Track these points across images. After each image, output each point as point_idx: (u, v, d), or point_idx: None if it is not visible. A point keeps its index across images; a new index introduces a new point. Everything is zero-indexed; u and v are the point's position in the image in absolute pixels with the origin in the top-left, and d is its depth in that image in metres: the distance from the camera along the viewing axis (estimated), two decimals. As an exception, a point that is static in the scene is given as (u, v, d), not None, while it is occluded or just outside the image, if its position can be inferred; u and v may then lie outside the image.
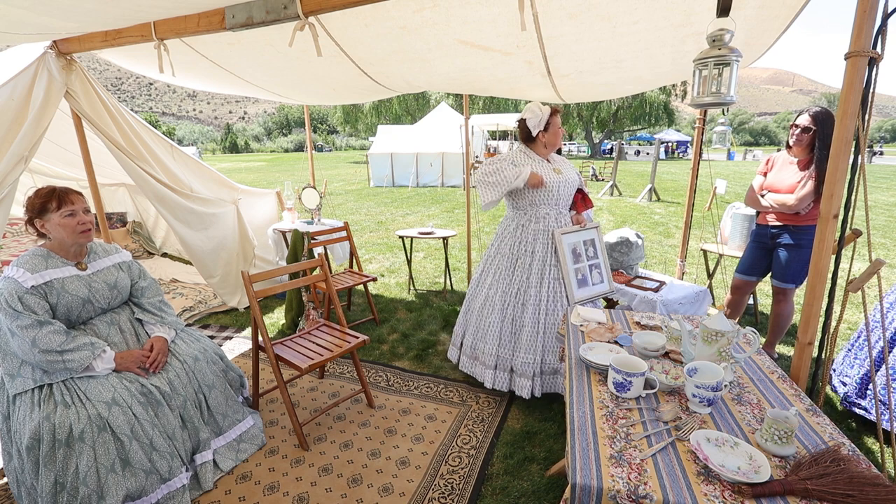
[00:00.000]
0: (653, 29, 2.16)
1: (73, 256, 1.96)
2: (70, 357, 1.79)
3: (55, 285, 1.85)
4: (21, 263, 1.83)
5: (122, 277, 2.11)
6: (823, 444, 1.16)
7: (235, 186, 4.19)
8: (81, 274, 1.95)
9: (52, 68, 2.57)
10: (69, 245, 1.93)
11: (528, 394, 2.49)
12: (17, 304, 1.75)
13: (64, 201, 1.86)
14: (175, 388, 1.99)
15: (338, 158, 38.12)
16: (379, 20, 2.22)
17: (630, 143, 43.35)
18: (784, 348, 3.22)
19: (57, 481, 1.66)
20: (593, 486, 1.04)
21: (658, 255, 5.92)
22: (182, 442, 1.95)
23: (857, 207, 1.56)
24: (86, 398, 1.76)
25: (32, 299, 1.78)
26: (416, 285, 4.74)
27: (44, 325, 1.77)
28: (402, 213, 9.75)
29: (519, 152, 2.62)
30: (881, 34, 1.37)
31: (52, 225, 1.86)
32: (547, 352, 2.51)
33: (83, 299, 1.92)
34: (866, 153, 1.62)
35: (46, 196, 1.86)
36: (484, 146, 15.97)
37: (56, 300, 1.84)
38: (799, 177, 2.65)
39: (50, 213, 1.85)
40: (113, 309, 2.09)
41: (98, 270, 2.02)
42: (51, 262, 1.89)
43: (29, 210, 1.86)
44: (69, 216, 1.87)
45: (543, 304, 2.51)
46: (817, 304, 1.53)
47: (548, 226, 2.57)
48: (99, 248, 2.11)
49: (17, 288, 1.77)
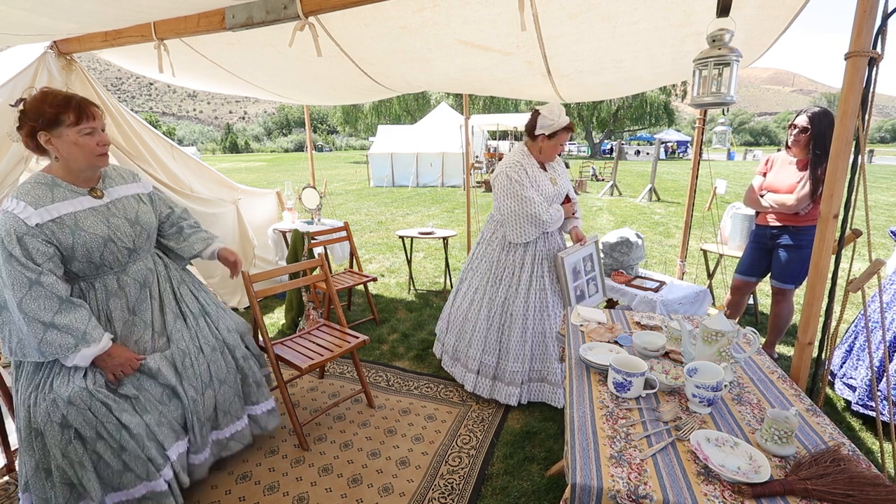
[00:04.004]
0: (653, 29, 2.16)
1: (83, 182, 1.57)
2: (50, 337, 1.45)
3: (67, 222, 1.48)
4: (21, 195, 1.44)
5: (145, 211, 1.73)
6: (823, 444, 1.16)
7: (235, 186, 4.18)
8: (97, 205, 1.57)
9: (52, 68, 2.57)
10: (81, 170, 1.55)
11: (515, 401, 2.50)
12: (14, 247, 1.40)
13: (84, 115, 1.47)
14: (185, 381, 1.77)
15: (338, 158, 38.13)
16: (379, 20, 2.22)
17: (630, 143, 43.34)
18: (784, 348, 3.22)
19: (39, 466, 1.52)
20: (593, 486, 1.04)
21: (658, 255, 5.92)
22: (169, 441, 1.71)
23: (857, 207, 1.55)
24: (49, 388, 1.53)
25: (34, 243, 1.42)
26: (416, 285, 4.74)
27: (34, 286, 1.41)
28: (402, 213, 9.75)
29: (519, 165, 2.44)
30: (881, 34, 1.37)
31: (64, 143, 1.46)
32: (535, 359, 2.52)
33: (103, 238, 1.55)
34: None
35: (62, 105, 1.44)
36: (484, 146, 15.96)
37: (72, 240, 1.48)
38: (798, 177, 2.64)
39: (63, 128, 1.45)
40: (139, 251, 1.71)
41: (116, 200, 1.64)
42: (58, 191, 1.50)
43: (32, 118, 1.44)
44: (88, 134, 1.49)
45: (531, 313, 2.49)
46: (817, 304, 1.53)
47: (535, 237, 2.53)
48: (114, 173, 1.70)
49: (18, 226, 1.40)
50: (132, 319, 1.72)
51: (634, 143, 44.96)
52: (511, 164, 2.45)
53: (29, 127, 1.45)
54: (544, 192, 2.47)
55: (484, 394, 2.56)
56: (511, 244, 2.54)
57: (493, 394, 2.55)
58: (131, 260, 1.69)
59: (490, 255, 2.62)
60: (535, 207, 2.39)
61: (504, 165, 2.48)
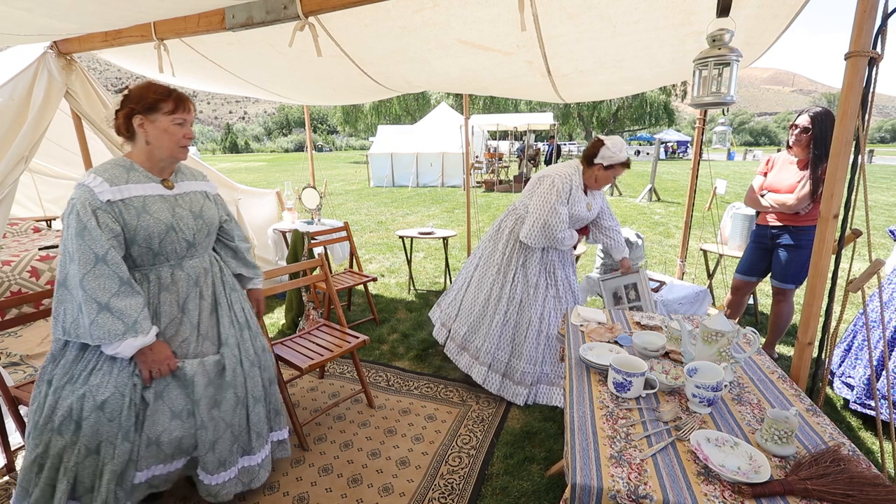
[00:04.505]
0: (653, 29, 2.16)
1: (159, 172, 1.63)
2: (102, 319, 1.42)
3: (134, 203, 1.52)
4: (99, 171, 1.50)
5: (210, 207, 1.76)
6: (823, 444, 1.16)
7: (235, 186, 4.19)
8: (166, 194, 1.61)
9: (52, 68, 2.57)
10: (162, 158, 1.60)
11: (522, 401, 2.54)
12: (89, 219, 1.42)
13: (180, 107, 1.56)
14: (221, 397, 1.67)
15: (338, 158, 38.14)
16: (379, 20, 2.22)
17: (630, 143, 43.32)
18: (784, 348, 3.22)
19: (35, 460, 1.47)
20: (593, 486, 1.04)
21: (658, 255, 5.92)
22: (151, 462, 1.60)
23: (857, 207, 1.55)
24: (83, 381, 1.50)
25: (105, 218, 1.45)
26: (416, 285, 4.74)
27: (99, 263, 1.42)
28: (403, 213, 9.75)
29: (568, 178, 2.49)
30: (881, 34, 1.37)
31: (156, 128, 1.54)
32: (546, 363, 2.59)
33: (167, 225, 1.57)
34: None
35: (164, 93, 1.54)
36: (484, 146, 15.94)
37: (136, 221, 1.51)
38: (799, 177, 2.64)
39: (159, 114, 1.53)
40: (197, 247, 1.70)
41: (184, 193, 1.68)
42: (133, 175, 1.55)
43: (135, 101, 1.52)
44: (179, 125, 1.57)
45: (546, 318, 2.58)
46: (817, 304, 1.53)
47: (546, 250, 2.63)
48: (186, 169, 1.77)
49: (92, 199, 1.44)
50: (180, 317, 1.67)
51: (634, 143, 44.93)
52: (561, 174, 2.50)
53: (129, 109, 1.53)
54: (577, 214, 2.54)
55: (493, 389, 2.60)
56: (525, 245, 2.62)
57: (502, 391, 2.60)
58: (188, 254, 1.68)
59: (505, 250, 2.67)
60: (557, 222, 2.45)
61: (554, 171, 2.54)
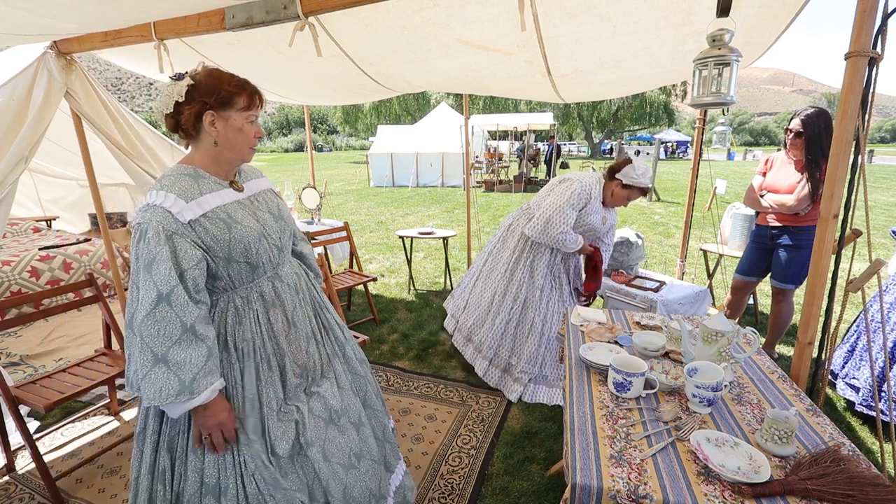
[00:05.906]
0: (653, 29, 2.16)
1: (225, 175, 1.37)
2: (156, 374, 1.13)
3: (220, 215, 1.26)
4: (167, 186, 1.21)
5: (284, 206, 1.56)
6: (823, 444, 1.16)
7: (235, 186, 4.18)
8: (241, 198, 1.37)
9: (52, 68, 2.57)
10: (230, 161, 1.35)
11: (516, 398, 2.61)
12: (161, 249, 1.13)
13: (254, 103, 1.34)
14: (339, 416, 1.45)
15: (338, 158, 38.13)
16: (379, 20, 2.22)
17: (630, 143, 43.28)
18: (784, 348, 3.22)
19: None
20: (593, 486, 1.04)
21: (658, 255, 5.92)
22: None
23: (857, 207, 1.55)
24: (186, 458, 1.27)
25: (183, 244, 1.17)
26: (416, 285, 4.74)
27: (161, 302, 1.12)
28: (403, 213, 9.75)
29: (589, 187, 2.56)
30: (881, 34, 1.37)
31: (228, 126, 1.29)
32: (546, 365, 2.65)
33: (258, 233, 1.33)
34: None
35: (239, 86, 1.30)
36: (484, 146, 15.94)
37: (228, 235, 1.25)
38: (798, 177, 2.64)
39: (232, 110, 1.29)
40: (284, 251, 1.48)
41: (256, 194, 1.45)
42: (203, 183, 1.28)
43: (206, 94, 1.26)
44: (251, 123, 1.34)
45: (548, 320, 2.65)
46: (817, 304, 1.53)
47: (554, 253, 2.69)
48: (246, 167, 1.52)
49: (167, 223, 1.16)
50: (294, 333, 1.44)
51: (634, 143, 44.91)
52: (583, 182, 2.57)
53: (200, 103, 1.26)
54: (591, 223, 2.59)
55: (492, 382, 2.69)
56: (535, 246, 2.68)
57: (501, 385, 2.68)
58: (280, 261, 1.46)
59: (515, 250, 2.74)
60: (561, 221, 2.50)
61: (578, 177, 2.62)
